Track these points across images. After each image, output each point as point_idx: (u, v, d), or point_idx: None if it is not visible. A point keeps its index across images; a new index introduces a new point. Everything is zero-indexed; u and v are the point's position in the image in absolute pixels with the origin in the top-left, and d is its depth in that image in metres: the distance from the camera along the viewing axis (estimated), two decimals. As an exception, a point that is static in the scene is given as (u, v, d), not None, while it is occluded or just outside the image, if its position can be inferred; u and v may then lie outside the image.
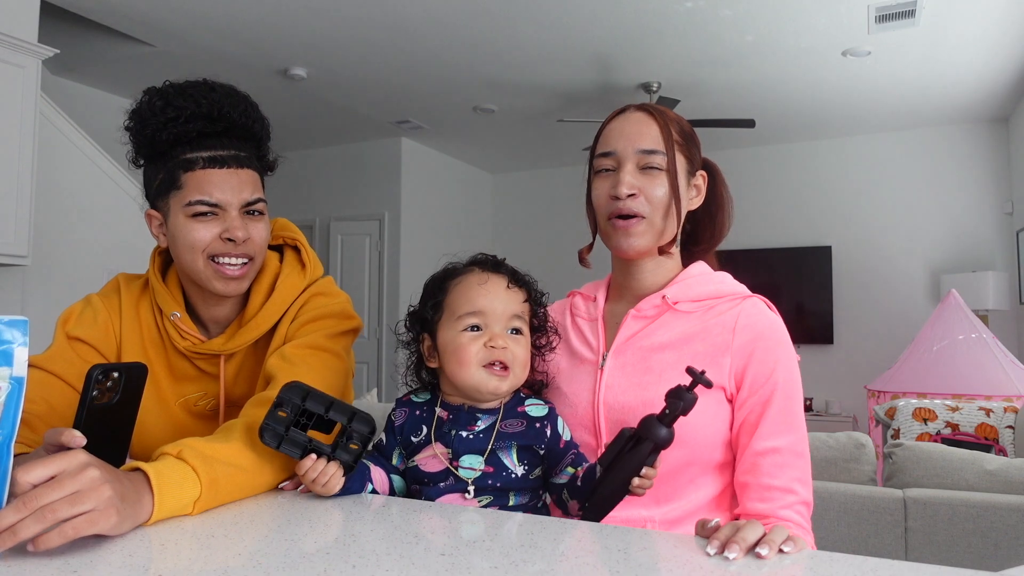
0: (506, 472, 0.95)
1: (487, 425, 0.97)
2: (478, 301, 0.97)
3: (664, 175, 1.04)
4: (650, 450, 0.86)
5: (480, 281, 0.98)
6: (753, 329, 1.01)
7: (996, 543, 1.88)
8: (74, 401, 1.11)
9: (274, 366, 1.08)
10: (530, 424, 0.97)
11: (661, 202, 1.04)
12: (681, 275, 1.09)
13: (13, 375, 0.69)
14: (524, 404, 1.00)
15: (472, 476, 0.95)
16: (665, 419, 0.86)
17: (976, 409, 2.99)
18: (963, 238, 5.83)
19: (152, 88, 1.12)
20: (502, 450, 0.96)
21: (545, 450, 0.97)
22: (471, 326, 0.97)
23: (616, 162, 1.05)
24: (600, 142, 1.09)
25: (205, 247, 1.09)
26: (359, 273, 6.49)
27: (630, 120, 1.07)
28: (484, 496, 0.95)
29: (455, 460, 0.96)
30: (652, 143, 1.04)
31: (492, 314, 0.97)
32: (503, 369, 0.96)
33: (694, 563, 0.68)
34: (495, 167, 7.51)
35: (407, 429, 1.01)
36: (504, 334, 0.97)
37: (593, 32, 4.18)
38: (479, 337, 0.96)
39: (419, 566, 0.65)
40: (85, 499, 0.67)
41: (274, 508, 0.87)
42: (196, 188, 1.08)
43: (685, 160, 1.07)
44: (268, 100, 5.49)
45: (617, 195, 1.03)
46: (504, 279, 0.99)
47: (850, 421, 5.81)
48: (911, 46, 4.34)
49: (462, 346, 0.96)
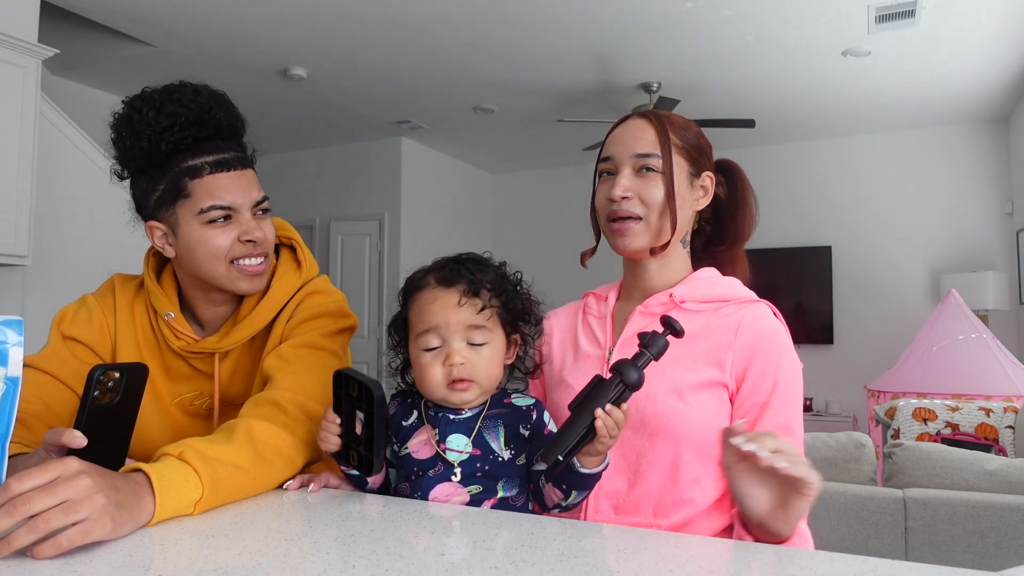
0: (493, 455, 0.96)
1: (473, 413, 0.99)
2: (431, 319, 0.97)
3: (660, 177, 1.07)
4: (619, 390, 0.85)
5: (430, 299, 0.98)
6: (756, 330, 1.02)
7: (996, 543, 1.88)
8: (70, 401, 1.12)
9: (271, 365, 1.08)
10: (516, 409, 1.00)
11: (656, 203, 1.06)
12: (690, 277, 1.12)
13: (8, 375, 0.69)
14: (509, 397, 1.02)
15: (459, 459, 0.96)
16: (638, 360, 0.86)
17: (976, 409, 2.99)
18: (963, 238, 5.83)
19: (135, 97, 1.08)
20: (489, 431, 0.98)
21: (530, 432, 0.98)
22: (429, 346, 0.98)
23: (614, 166, 1.09)
24: (603, 149, 1.13)
25: (226, 252, 1.09)
26: (359, 273, 6.49)
27: (629, 126, 1.11)
28: (473, 484, 0.95)
29: (442, 442, 0.97)
30: (647, 147, 1.07)
31: (447, 329, 0.97)
32: (466, 382, 0.97)
33: (694, 563, 0.68)
34: (495, 167, 7.51)
35: (399, 416, 1.03)
36: (462, 348, 0.97)
37: (593, 32, 4.18)
38: (438, 355, 0.97)
39: (419, 566, 0.65)
40: (78, 508, 0.67)
41: (274, 508, 0.87)
42: (207, 194, 1.07)
43: (686, 162, 1.10)
44: (268, 100, 5.54)
45: (612, 197, 1.07)
46: (455, 294, 0.97)
47: (850, 421, 5.81)
48: (911, 46, 4.34)
49: (423, 367, 0.98)
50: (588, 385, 0.88)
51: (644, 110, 1.14)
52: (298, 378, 1.05)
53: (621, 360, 0.87)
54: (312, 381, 1.06)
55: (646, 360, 0.87)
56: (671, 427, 0.99)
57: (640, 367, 0.86)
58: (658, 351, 0.87)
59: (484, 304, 0.98)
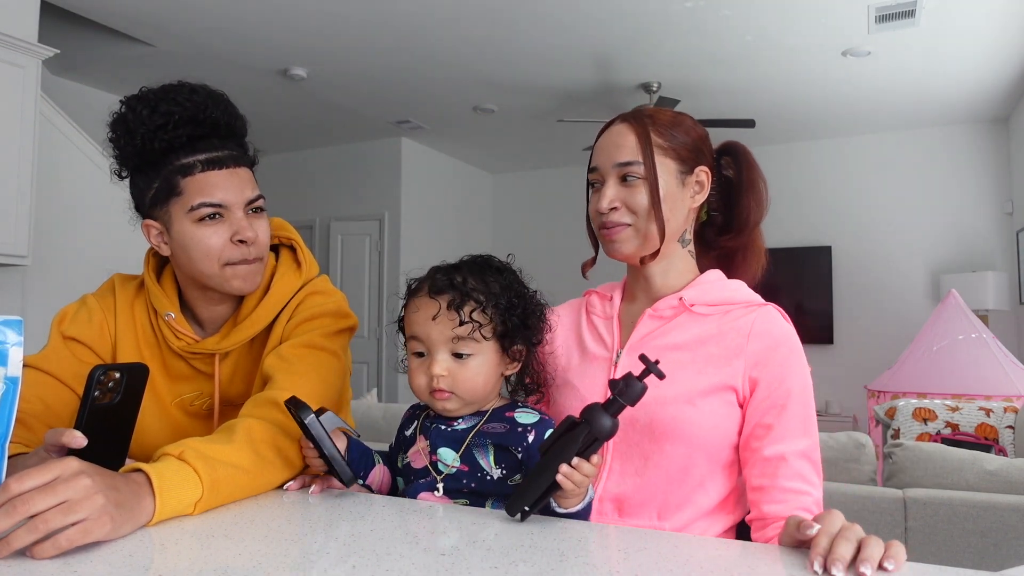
0: (481, 473, 0.95)
1: (467, 425, 0.98)
2: (414, 328, 0.97)
3: (643, 184, 1.05)
4: (588, 440, 0.79)
5: (414, 308, 0.98)
6: (769, 336, 1.02)
7: (996, 543, 1.88)
8: (70, 401, 1.12)
9: (272, 366, 1.08)
10: (513, 428, 0.96)
11: (643, 209, 1.05)
12: (697, 280, 1.10)
13: (7, 375, 0.69)
14: (514, 410, 0.99)
15: (445, 471, 0.96)
16: (610, 408, 0.80)
17: (976, 409, 2.99)
18: (963, 238, 5.83)
19: (131, 97, 1.09)
20: (478, 449, 0.96)
21: (523, 454, 0.94)
22: (416, 351, 0.98)
23: (600, 177, 1.08)
24: (591, 158, 1.12)
25: (219, 253, 1.09)
26: (359, 273, 6.49)
27: (611, 134, 1.09)
28: (460, 498, 0.95)
29: (433, 453, 0.97)
30: (628, 155, 1.05)
31: (429, 341, 0.96)
32: (447, 393, 0.96)
33: (694, 563, 0.68)
34: (495, 167, 7.51)
35: (403, 426, 1.04)
36: (444, 360, 0.95)
37: (593, 32, 4.18)
38: (423, 363, 0.97)
39: (419, 566, 0.65)
40: (77, 508, 0.67)
41: (274, 508, 0.87)
42: (198, 191, 1.07)
43: (675, 162, 1.07)
44: (268, 100, 5.54)
45: (600, 209, 1.07)
46: (435, 307, 0.95)
47: (850, 421, 5.81)
48: (911, 46, 4.34)
49: (411, 371, 0.99)
50: (560, 426, 0.82)
51: (628, 112, 1.11)
52: (298, 378, 1.05)
53: (592, 406, 0.81)
54: (312, 381, 1.06)
55: (619, 408, 0.81)
56: (679, 432, 0.99)
57: (612, 414, 0.80)
58: (633, 398, 0.81)
59: (464, 319, 0.94)
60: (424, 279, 1.00)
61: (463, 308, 0.95)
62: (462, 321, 0.94)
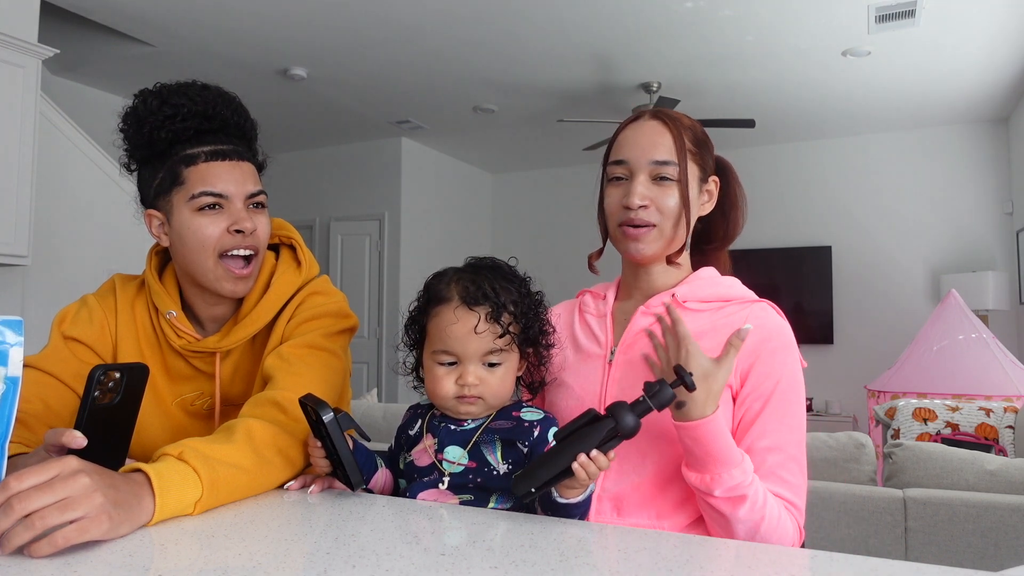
0: (488, 468, 0.95)
1: (474, 425, 0.98)
2: (450, 341, 0.96)
3: (676, 186, 1.04)
4: (610, 435, 0.80)
5: (451, 320, 0.95)
6: (762, 330, 1.02)
7: (996, 543, 1.88)
8: (70, 401, 1.12)
9: (272, 366, 1.08)
10: (520, 423, 0.98)
11: (672, 212, 1.05)
12: (690, 277, 1.11)
13: (8, 375, 0.69)
14: (520, 409, 1.00)
15: (452, 469, 0.96)
16: (637, 408, 0.82)
17: (976, 409, 2.99)
18: (963, 238, 5.83)
19: (145, 90, 1.11)
20: (486, 445, 0.96)
21: (528, 448, 0.96)
22: (444, 361, 0.97)
23: (629, 171, 1.06)
24: (614, 150, 1.09)
25: (215, 243, 1.09)
26: (359, 273, 6.49)
27: (644, 129, 1.07)
28: (464, 494, 0.95)
29: (440, 452, 0.97)
30: (665, 154, 1.04)
31: (464, 353, 0.96)
32: (476, 399, 0.97)
33: (694, 563, 0.68)
34: (495, 167, 7.51)
35: (406, 425, 1.04)
36: (478, 369, 0.96)
37: (593, 32, 4.18)
38: (452, 372, 0.96)
39: (419, 566, 0.65)
40: (75, 506, 0.67)
41: (274, 508, 0.87)
42: (200, 181, 1.09)
43: (697, 168, 1.08)
44: (268, 100, 5.54)
45: (629, 205, 1.04)
46: (476, 319, 0.94)
47: (850, 421, 5.81)
48: (911, 46, 4.34)
49: (437, 378, 0.97)
50: (581, 417, 0.83)
51: (656, 110, 1.10)
52: (299, 378, 1.05)
53: (619, 403, 0.82)
54: (313, 381, 1.06)
55: (645, 409, 0.82)
56: None
57: (638, 415, 0.81)
58: (661, 403, 0.82)
59: (504, 330, 0.95)
60: (453, 282, 0.98)
61: (501, 319, 0.95)
62: (503, 332, 0.95)
